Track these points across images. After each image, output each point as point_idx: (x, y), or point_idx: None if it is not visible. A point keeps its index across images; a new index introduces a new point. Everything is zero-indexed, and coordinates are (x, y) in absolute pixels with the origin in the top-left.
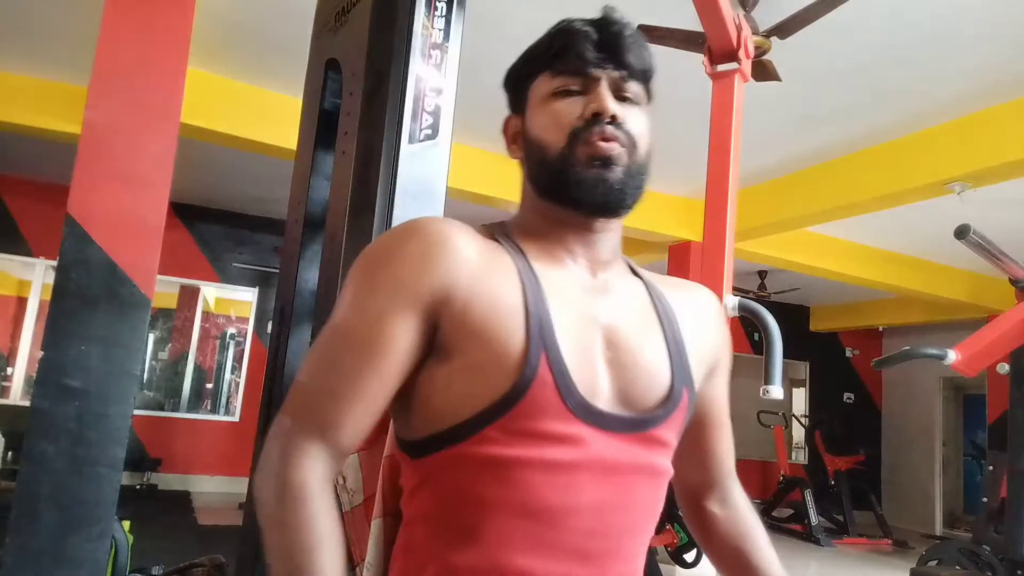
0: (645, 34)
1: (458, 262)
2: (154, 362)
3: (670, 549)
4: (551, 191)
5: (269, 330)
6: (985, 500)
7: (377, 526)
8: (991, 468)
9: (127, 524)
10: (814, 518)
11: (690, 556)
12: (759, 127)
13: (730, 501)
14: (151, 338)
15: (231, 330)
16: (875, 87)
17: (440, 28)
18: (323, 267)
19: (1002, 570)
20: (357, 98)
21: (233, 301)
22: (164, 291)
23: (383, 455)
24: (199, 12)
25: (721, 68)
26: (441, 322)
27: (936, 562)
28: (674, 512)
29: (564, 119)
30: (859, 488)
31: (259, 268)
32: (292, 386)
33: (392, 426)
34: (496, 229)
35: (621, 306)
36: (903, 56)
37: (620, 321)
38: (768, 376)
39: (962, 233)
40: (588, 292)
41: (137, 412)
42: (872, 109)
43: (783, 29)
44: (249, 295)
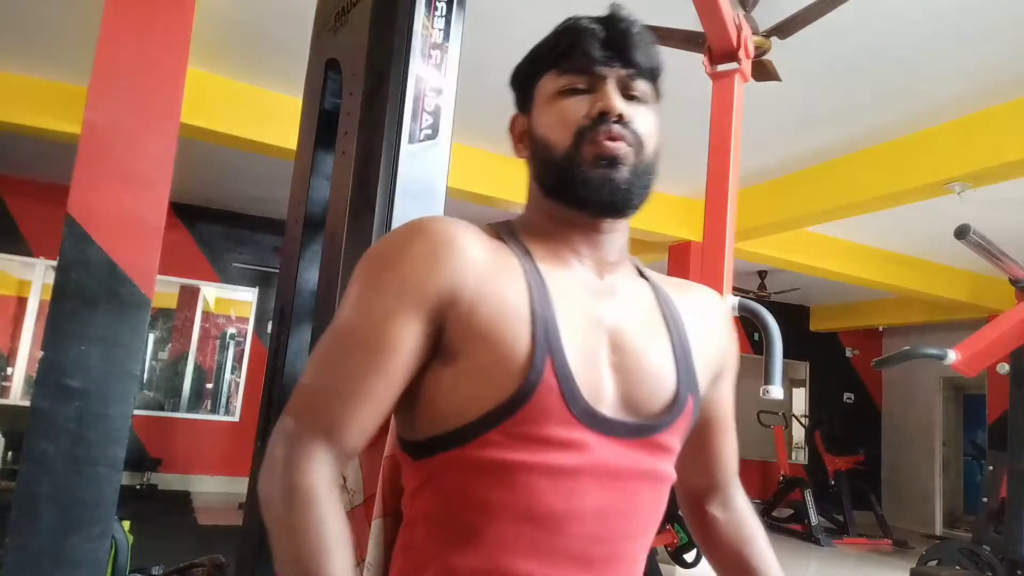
0: None
1: (464, 263)
2: (154, 362)
3: (670, 549)
4: (557, 191)
5: (269, 330)
6: (985, 500)
7: (377, 526)
8: (991, 468)
9: (127, 524)
10: (814, 518)
11: (690, 556)
12: (759, 127)
13: (732, 505)
14: (151, 338)
15: (231, 330)
16: (875, 87)
17: (440, 28)
18: (323, 267)
19: (1002, 570)
20: (357, 98)
21: (233, 301)
22: (164, 291)
23: (383, 455)
24: (199, 12)
25: (721, 68)
26: (447, 324)
27: (936, 562)
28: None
29: (570, 118)
30: (859, 488)
31: (259, 268)
32: (296, 387)
33: (393, 426)
34: (502, 228)
35: (627, 309)
36: (903, 56)
37: (626, 324)
38: (768, 376)
39: (962, 233)
40: (594, 294)
41: (137, 412)
42: (872, 109)
43: (783, 29)
44: (249, 295)
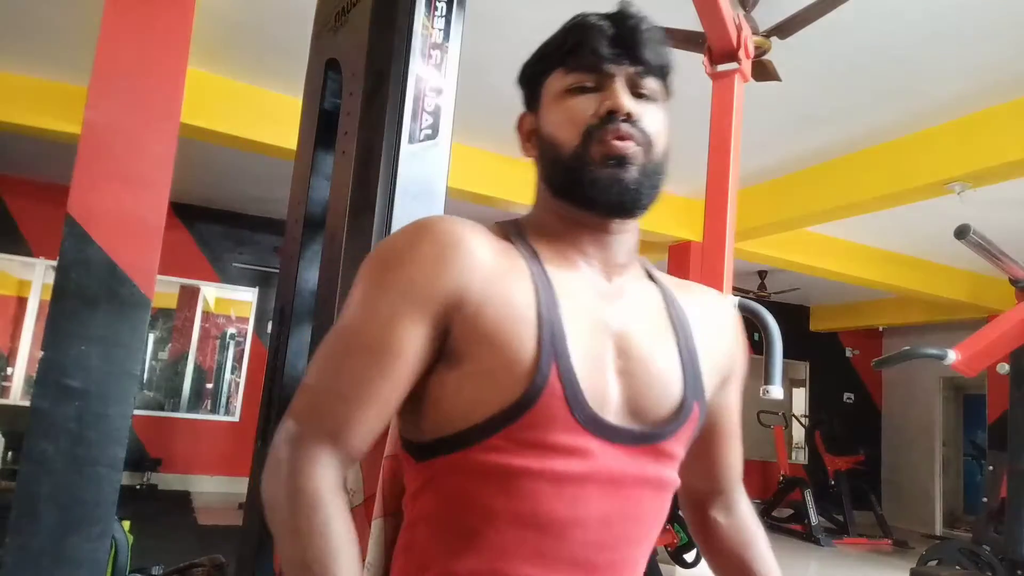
0: None
1: (472, 264)
2: (154, 362)
3: (670, 549)
4: (565, 191)
5: (269, 330)
6: (985, 500)
7: (377, 526)
8: (991, 468)
9: (127, 524)
10: (814, 518)
11: (690, 556)
12: (759, 127)
13: (735, 510)
14: (151, 338)
15: (231, 330)
16: (875, 87)
17: (440, 28)
18: (323, 267)
19: (1002, 570)
20: (357, 98)
21: (233, 301)
22: (164, 291)
23: (383, 455)
24: (199, 12)
25: (721, 68)
26: (452, 326)
27: (936, 562)
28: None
29: (578, 117)
30: (859, 488)
31: (259, 268)
32: (300, 388)
33: (394, 426)
34: (510, 228)
35: (634, 313)
36: (903, 56)
37: (633, 329)
38: (768, 376)
39: (962, 233)
40: (601, 297)
41: (137, 412)
42: (872, 109)
43: (783, 29)
44: (249, 295)
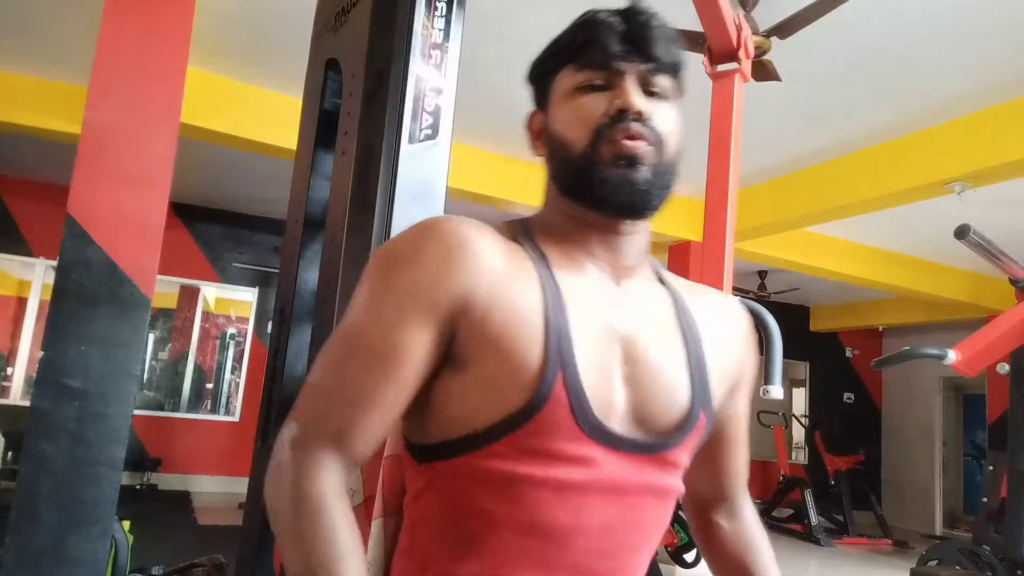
0: None
1: (479, 267)
2: (154, 362)
3: (670, 549)
4: (574, 191)
5: (269, 330)
6: (985, 500)
7: (377, 526)
8: (991, 468)
9: (127, 524)
10: (814, 518)
11: (690, 556)
12: (759, 127)
13: (738, 515)
14: (151, 338)
15: (231, 330)
16: (875, 87)
17: (440, 28)
18: (323, 267)
19: (1002, 570)
20: (357, 98)
21: (233, 301)
22: (164, 291)
23: (384, 455)
24: (199, 12)
25: (721, 68)
26: (458, 330)
27: (936, 562)
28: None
29: (588, 116)
30: (859, 488)
31: (259, 268)
32: (303, 391)
33: (395, 426)
34: (518, 228)
35: (643, 317)
36: (903, 56)
37: (640, 334)
38: (768, 376)
39: (962, 233)
40: (609, 302)
41: (137, 412)
42: (872, 109)
43: (783, 29)
44: (249, 295)
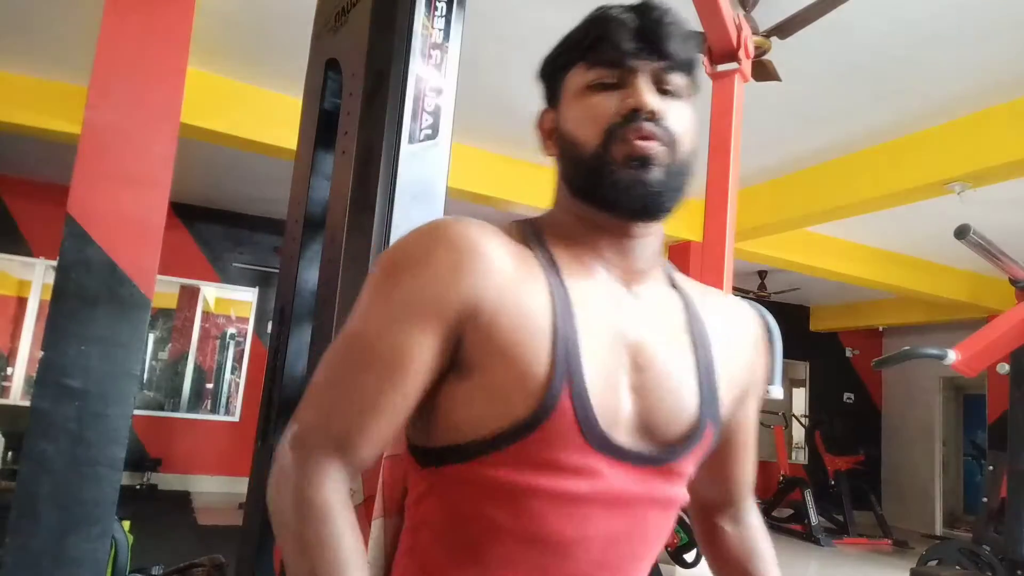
0: None
1: (489, 272)
2: (154, 362)
3: (670, 549)
4: (585, 192)
5: (269, 330)
6: (985, 500)
7: (377, 526)
8: (991, 468)
9: (127, 524)
10: (814, 518)
11: (690, 556)
12: (759, 127)
13: (743, 520)
14: (151, 338)
15: (231, 330)
16: (875, 87)
17: (440, 28)
18: (323, 267)
19: (1002, 570)
20: (357, 98)
21: (233, 301)
22: (164, 291)
23: (384, 455)
24: (199, 12)
25: (721, 68)
26: (465, 336)
27: (936, 562)
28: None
29: (600, 115)
30: (859, 488)
31: (259, 268)
32: (306, 396)
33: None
34: (527, 229)
35: (653, 325)
36: (903, 56)
37: (649, 341)
38: (768, 376)
39: (962, 233)
40: (619, 307)
41: (137, 412)
42: (872, 109)
43: (783, 29)
44: (249, 295)
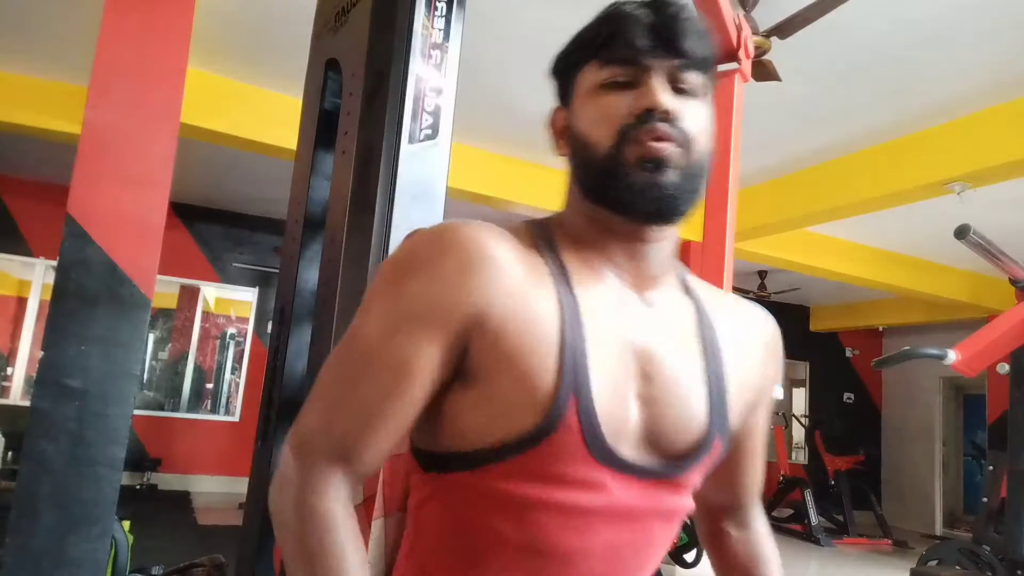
0: None
1: (498, 279)
2: (154, 362)
3: (670, 549)
4: (598, 194)
5: (269, 330)
6: (985, 500)
7: (377, 526)
8: (991, 468)
9: (127, 524)
10: (814, 518)
11: (690, 556)
12: (759, 127)
13: (749, 524)
14: (151, 338)
15: (231, 330)
16: (875, 87)
17: (440, 28)
18: (323, 267)
19: (1002, 570)
20: (357, 98)
21: (233, 301)
22: (164, 291)
23: None
24: (199, 12)
25: (721, 68)
26: (471, 344)
27: (936, 562)
28: None
29: (613, 115)
30: (859, 488)
31: (259, 268)
32: (308, 401)
33: None
34: (537, 232)
35: (663, 334)
36: (903, 56)
37: (659, 351)
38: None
39: (962, 233)
40: (628, 315)
41: (137, 412)
42: (872, 109)
43: (783, 29)
44: (249, 295)
